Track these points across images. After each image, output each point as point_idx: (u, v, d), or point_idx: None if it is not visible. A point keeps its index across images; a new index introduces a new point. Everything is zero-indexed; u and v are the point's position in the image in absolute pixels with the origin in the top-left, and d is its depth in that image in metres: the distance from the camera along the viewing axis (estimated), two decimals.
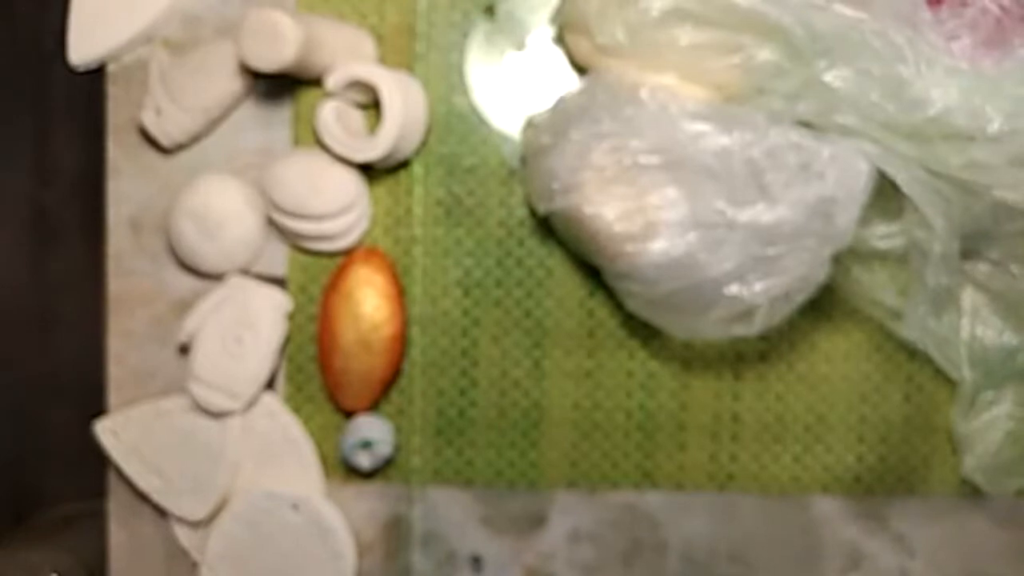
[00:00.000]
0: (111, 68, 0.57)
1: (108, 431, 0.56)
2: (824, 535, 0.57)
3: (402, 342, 0.56)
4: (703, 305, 0.48)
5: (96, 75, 0.58)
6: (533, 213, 0.56)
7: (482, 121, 0.56)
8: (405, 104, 0.52)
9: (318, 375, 0.57)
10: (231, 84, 0.55)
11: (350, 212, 0.55)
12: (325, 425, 0.57)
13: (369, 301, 0.54)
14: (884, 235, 0.52)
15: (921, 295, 0.51)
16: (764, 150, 0.47)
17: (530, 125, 0.52)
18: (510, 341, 0.57)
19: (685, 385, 0.56)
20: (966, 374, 0.54)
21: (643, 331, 0.56)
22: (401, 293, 0.56)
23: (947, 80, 0.47)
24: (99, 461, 0.58)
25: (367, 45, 0.55)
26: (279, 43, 0.49)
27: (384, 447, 0.55)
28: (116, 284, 0.58)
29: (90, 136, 0.66)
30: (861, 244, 0.51)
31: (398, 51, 0.56)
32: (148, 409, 0.56)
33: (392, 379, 0.56)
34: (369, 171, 0.56)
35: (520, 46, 0.56)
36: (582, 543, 0.57)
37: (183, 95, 0.55)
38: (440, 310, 0.57)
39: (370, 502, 0.57)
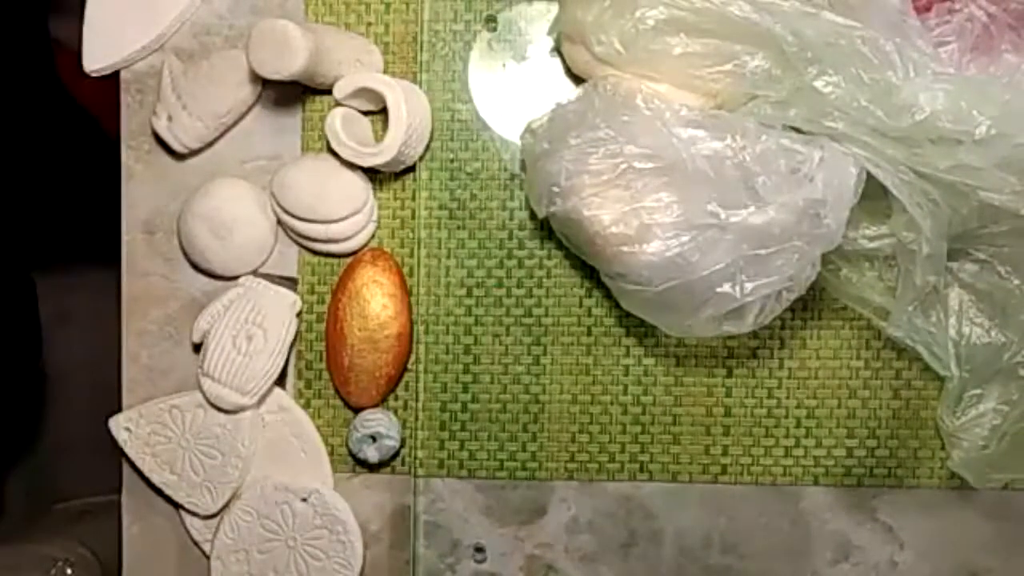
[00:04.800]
0: (124, 75, 0.58)
1: (122, 427, 0.57)
2: (815, 526, 0.58)
3: (408, 340, 0.57)
4: (696, 304, 0.49)
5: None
6: (533, 216, 0.57)
7: (484, 127, 0.57)
8: (410, 111, 0.53)
9: (327, 372, 0.58)
10: (241, 91, 0.56)
11: (357, 215, 0.56)
12: (333, 420, 0.58)
13: (376, 300, 0.56)
14: (873, 236, 0.53)
15: (909, 294, 0.52)
16: (755, 155, 0.48)
17: (530, 131, 0.53)
18: (511, 339, 0.58)
19: (679, 381, 0.57)
20: (953, 371, 0.54)
21: (638, 329, 0.57)
22: (407, 293, 0.57)
23: (935, 85, 0.47)
24: (113, 456, 0.58)
25: (373, 54, 0.56)
26: (288, 52, 0.50)
27: (390, 441, 0.56)
28: (130, 285, 0.59)
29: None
30: (850, 245, 0.52)
31: (403, 60, 0.57)
32: (161, 405, 0.57)
33: (398, 375, 0.57)
34: (376, 176, 0.57)
35: (520, 56, 0.57)
36: (580, 533, 0.58)
37: (194, 102, 0.56)
38: (444, 309, 0.58)
39: (377, 494, 0.58)
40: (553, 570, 0.59)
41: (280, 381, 0.57)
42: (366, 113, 0.57)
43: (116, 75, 0.58)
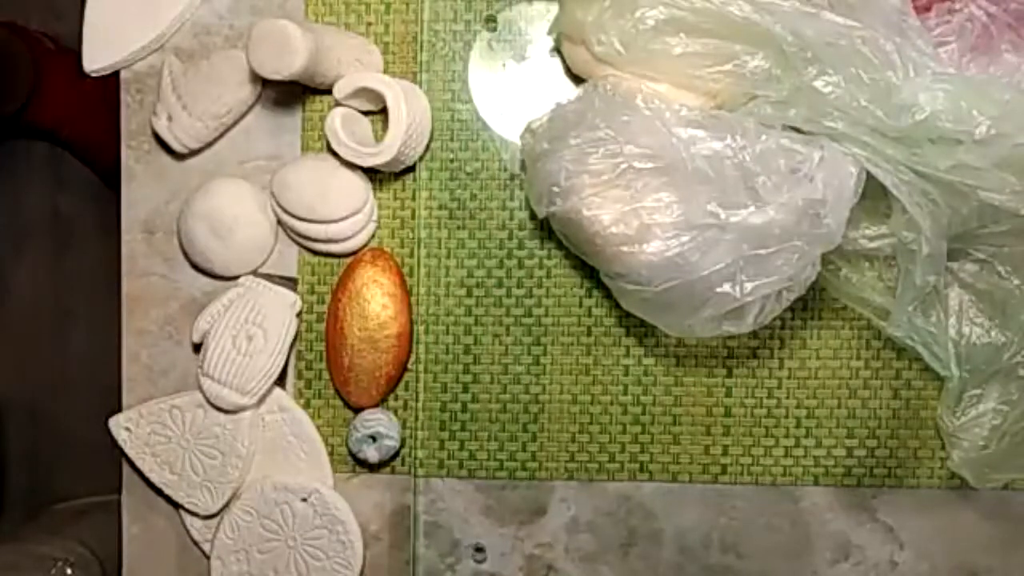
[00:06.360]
0: (124, 75, 0.58)
1: (122, 427, 0.57)
2: (815, 526, 0.58)
3: (407, 340, 0.57)
4: (696, 304, 0.49)
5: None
6: (533, 216, 0.57)
7: (484, 127, 0.57)
8: (410, 111, 0.53)
9: (327, 372, 0.58)
10: (241, 91, 0.56)
11: (357, 215, 0.56)
12: (333, 420, 0.58)
13: (376, 300, 0.56)
14: (873, 236, 0.53)
15: (909, 294, 0.52)
16: (755, 154, 0.48)
17: (530, 131, 0.53)
18: (511, 339, 0.58)
19: (679, 381, 0.58)
20: (953, 371, 0.54)
21: (638, 329, 0.57)
22: (406, 293, 0.57)
23: (935, 85, 0.47)
24: (113, 456, 0.59)
25: (373, 54, 0.56)
26: (288, 52, 0.50)
27: (390, 441, 0.56)
28: (130, 285, 0.59)
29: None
30: (850, 245, 0.52)
31: (403, 60, 0.57)
32: (161, 405, 0.57)
33: (398, 375, 0.57)
34: (376, 176, 0.57)
35: (520, 56, 0.57)
36: (580, 532, 0.58)
37: (194, 102, 0.56)
38: (444, 309, 0.58)
39: (377, 494, 0.59)
40: (553, 570, 0.59)
41: (280, 381, 0.57)
42: (366, 113, 0.57)
43: (116, 75, 0.58)
